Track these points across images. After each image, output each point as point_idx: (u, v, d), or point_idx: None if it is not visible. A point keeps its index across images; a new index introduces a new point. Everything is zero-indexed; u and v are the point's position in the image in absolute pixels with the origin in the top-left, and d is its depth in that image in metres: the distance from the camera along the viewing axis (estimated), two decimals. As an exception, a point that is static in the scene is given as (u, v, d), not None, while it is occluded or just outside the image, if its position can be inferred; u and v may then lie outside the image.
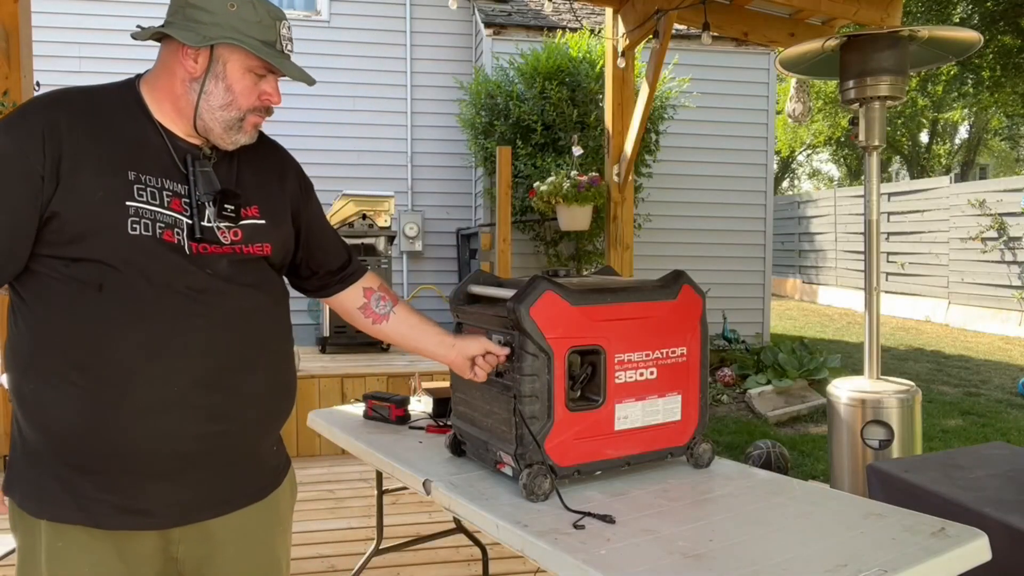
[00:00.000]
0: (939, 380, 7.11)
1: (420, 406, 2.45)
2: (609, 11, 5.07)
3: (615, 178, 5.05)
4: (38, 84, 4.21)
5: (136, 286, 1.21)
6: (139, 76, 1.35)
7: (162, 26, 1.30)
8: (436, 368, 4.76)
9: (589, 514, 1.42)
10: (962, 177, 20.18)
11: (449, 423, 1.99)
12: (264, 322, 1.36)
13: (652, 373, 1.64)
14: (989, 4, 12.36)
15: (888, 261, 11.78)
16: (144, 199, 1.23)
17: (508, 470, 1.61)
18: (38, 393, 1.22)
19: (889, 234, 11.70)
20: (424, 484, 1.70)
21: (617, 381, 1.59)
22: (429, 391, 2.43)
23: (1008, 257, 9.71)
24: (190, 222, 1.27)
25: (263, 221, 1.37)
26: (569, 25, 7.46)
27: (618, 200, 5.10)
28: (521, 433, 1.52)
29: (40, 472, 1.25)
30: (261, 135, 1.43)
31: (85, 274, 1.20)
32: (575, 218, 5.46)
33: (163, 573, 1.32)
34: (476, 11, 7.58)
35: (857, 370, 3.17)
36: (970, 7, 12.65)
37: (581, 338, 1.56)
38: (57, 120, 1.21)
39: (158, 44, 1.36)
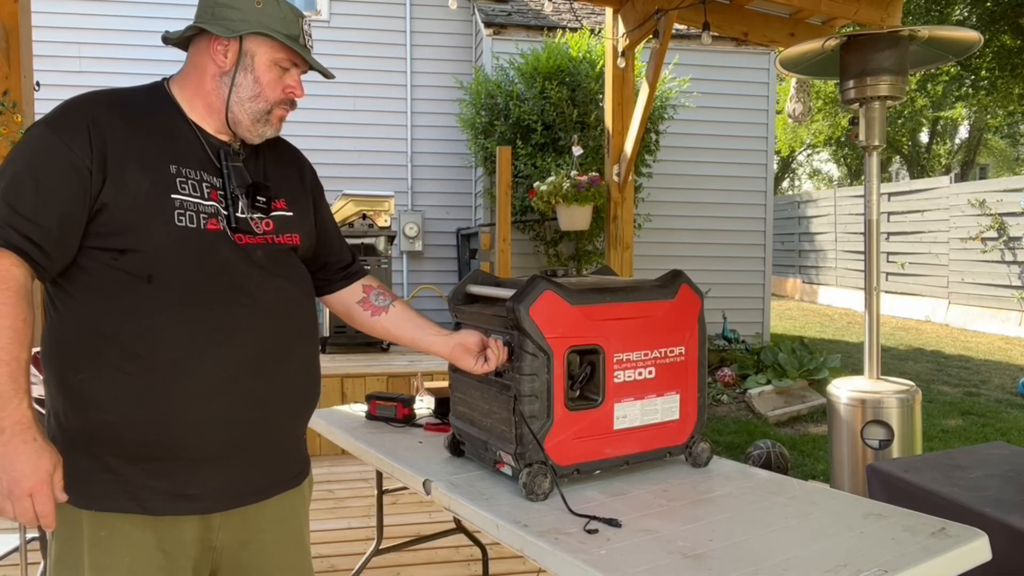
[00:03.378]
0: (939, 380, 7.11)
1: (422, 406, 2.45)
2: (609, 11, 5.07)
3: (615, 178, 5.06)
4: (38, 84, 4.21)
5: (184, 276, 1.26)
6: (166, 79, 1.42)
7: (194, 24, 1.37)
8: (437, 368, 4.76)
9: (595, 517, 1.42)
10: (962, 177, 20.17)
11: (446, 421, 1.99)
12: (297, 311, 1.42)
13: (651, 372, 1.64)
14: (988, 4, 12.36)
15: (888, 261, 11.77)
16: (187, 191, 1.29)
17: (508, 470, 1.61)
18: (87, 384, 1.24)
19: (889, 234, 11.70)
20: (424, 484, 1.70)
21: (616, 380, 1.59)
22: (431, 391, 2.43)
23: (1008, 257, 9.71)
24: (227, 213, 1.33)
25: (291, 213, 1.44)
26: (569, 25, 7.46)
27: (618, 200, 5.10)
28: (521, 432, 1.52)
29: (87, 463, 1.26)
30: (278, 136, 1.49)
31: (134, 266, 1.24)
32: (575, 218, 5.46)
33: (199, 562, 1.35)
34: (476, 11, 7.58)
35: (857, 370, 3.16)
36: (969, 7, 12.64)
37: (580, 338, 1.56)
38: (99, 116, 1.26)
39: (170, 47, 1.43)
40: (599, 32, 6.58)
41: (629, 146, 4.87)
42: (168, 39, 1.43)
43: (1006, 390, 6.72)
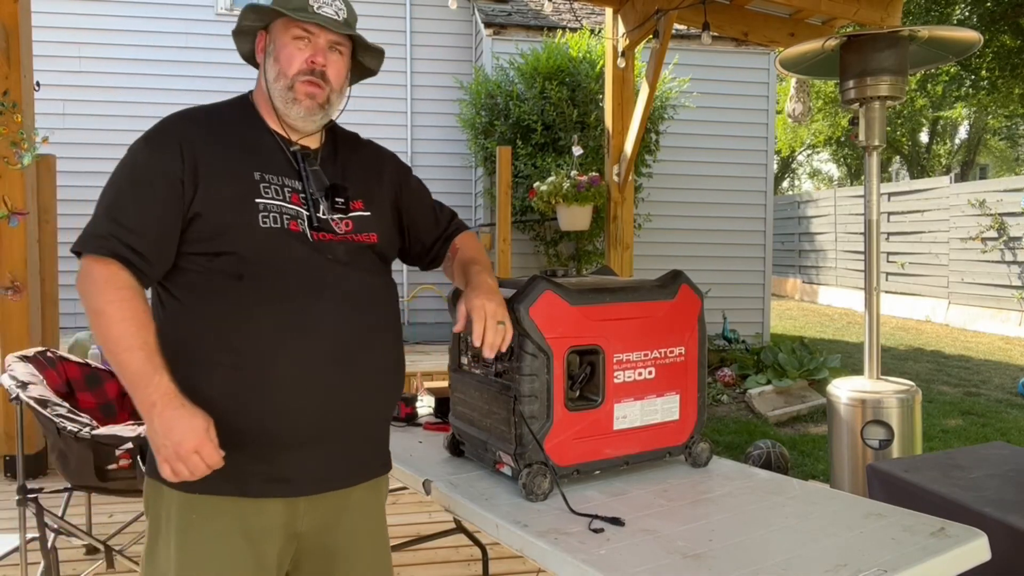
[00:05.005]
0: (939, 380, 7.11)
1: (422, 405, 2.45)
2: (609, 11, 5.07)
3: (615, 178, 5.06)
4: (38, 84, 4.21)
5: (270, 273, 1.34)
6: (251, 91, 1.51)
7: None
8: (437, 368, 4.76)
9: (597, 516, 1.42)
10: (962, 177, 20.16)
11: (446, 421, 1.99)
12: (378, 304, 1.47)
13: (650, 373, 1.64)
14: (989, 4, 12.36)
15: (888, 261, 11.77)
16: (270, 195, 1.38)
17: (507, 470, 1.61)
18: (191, 376, 1.32)
19: (889, 234, 11.69)
20: (424, 484, 1.70)
21: (616, 381, 1.59)
22: (431, 391, 2.43)
23: (1008, 257, 9.71)
24: (308, 214, 1.41)
25: (368, 213, 1.50)
26: (569, 25, 7.46)
27: (618, 200, 5.11)
28: (520, 433, 1.52)
29: None
30: (358, 138, 1.60)
31: (226, 266, 1.33)
32: (575, 218, 5.46)
33: (283, 552, 1.40)
34: (476, 11, 7.58)
35: (857, 370, 3.16)
36: (969, 7, 12.64)
37: (580, 338, 1.56)
38: (190, 131, 1.38)
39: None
40: (599, 32, 6.58)
41: (629, 146, 4.87)
42: (248, 58, 1.52)
43: (1006, 390, 6.72)
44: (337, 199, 1.44)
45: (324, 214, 1.42)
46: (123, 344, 1.25)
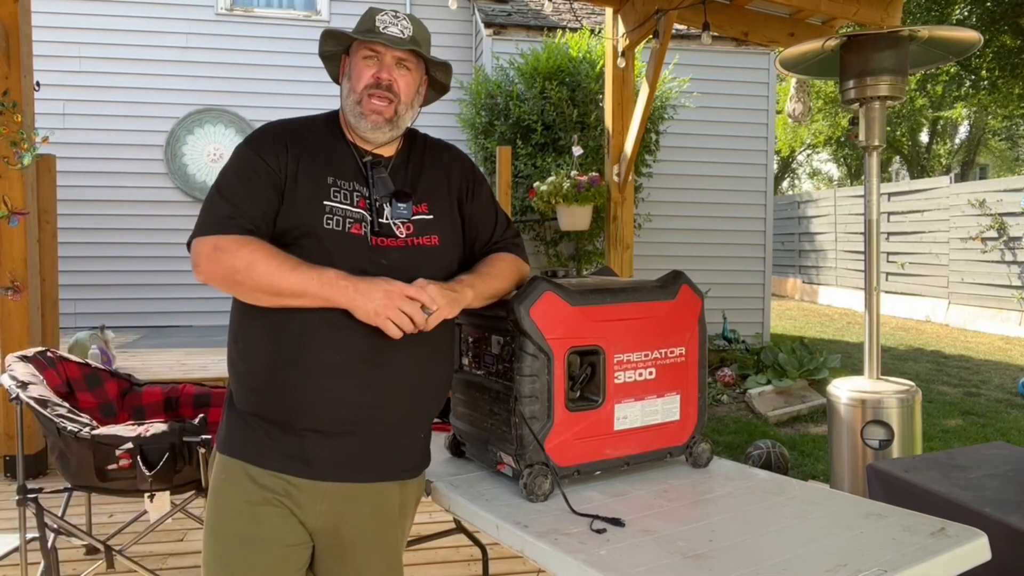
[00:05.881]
0: (939, 380, 7.11)
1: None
2: (609, 11, 5.07)
3: (615, 178, 5.06)
4: (38, 84, 4.21)
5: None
6: (339, 109, 1.62)
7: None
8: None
9: (599, 517, 1.42)
10: (962, 177, 20.16)
11: (447, 421, 1.99)
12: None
13: (651, 373, 1.64)
14: (988, 4, 12.36)
15: (888, 261, 11.77)
16: (338, 199, 1.49)
17: (508, 470, 1.61)
18: (241, 353, 1.48)
19: (889, 234, 11.70)
20: (424, 484, 1.70)
21: (616, 381, 1.59)
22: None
23: (1008, 257, 9.71)
24: (371, 218, 1.50)
25: (431, 216, 1.57)
26: (569, 25, 7.46)
27: (618, 200, 5.11)
28: (521, 433, 1.52)
29: (232, 417, 1.51)
30: (440, 144, 1.70)
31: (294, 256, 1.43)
32: (575, 218, 5.46)
33: (302, 534, 1.48)
34: (476, 11, 7.58)
35: (857, 370, 3.16)
36: (969, 7, 12.64)
37: (581, 338, 1.56)
38: (284, 136, 1.52)
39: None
40: (599, 32, 6.58)
41: (629, 146, 4.87)
42: (337, 80, 1.63)
43: (1006, 390, 6.72)
44: (399, 203, 1.52)
45: (387, 219, 1.51)
46: (280, 273, 1.37)
